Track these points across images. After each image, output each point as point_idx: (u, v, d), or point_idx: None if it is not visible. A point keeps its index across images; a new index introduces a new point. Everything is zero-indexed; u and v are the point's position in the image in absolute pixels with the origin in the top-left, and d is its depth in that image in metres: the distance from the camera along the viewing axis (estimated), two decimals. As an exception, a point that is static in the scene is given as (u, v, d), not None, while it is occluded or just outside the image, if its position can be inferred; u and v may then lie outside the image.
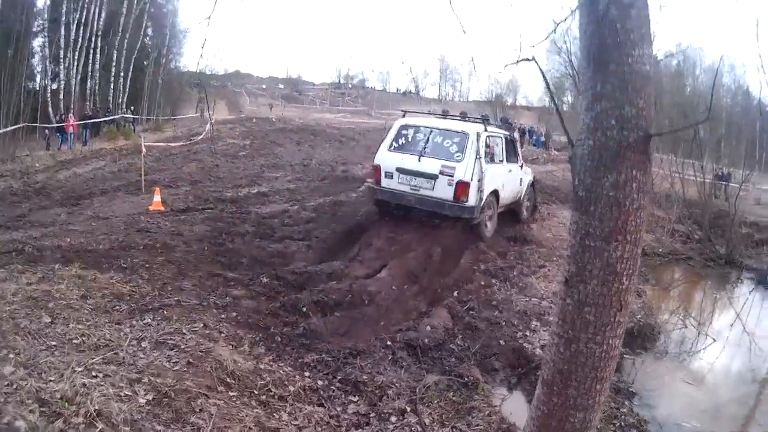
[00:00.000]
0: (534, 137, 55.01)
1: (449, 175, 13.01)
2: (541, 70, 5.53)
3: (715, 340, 11.73)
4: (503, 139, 15.50)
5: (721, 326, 13.05)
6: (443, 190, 13.05)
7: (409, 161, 13.49)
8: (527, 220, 17.59)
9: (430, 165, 13.24)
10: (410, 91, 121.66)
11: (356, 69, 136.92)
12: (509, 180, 15.60)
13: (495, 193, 14.31)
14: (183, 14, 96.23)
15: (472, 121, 16.29)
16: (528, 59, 4.71)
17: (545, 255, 14.17)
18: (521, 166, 16.93)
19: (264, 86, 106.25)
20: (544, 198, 21.65)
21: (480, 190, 13.19)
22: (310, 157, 29.33)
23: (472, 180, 12.97)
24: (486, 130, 14.25)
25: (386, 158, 13.96)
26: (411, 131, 14.14)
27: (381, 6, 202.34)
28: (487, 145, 14.10)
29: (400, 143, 14.05)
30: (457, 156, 13.21)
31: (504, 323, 9.64)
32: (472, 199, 13.00)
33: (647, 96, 3.84)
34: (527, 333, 9.44)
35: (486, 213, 14.08)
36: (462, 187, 12.89)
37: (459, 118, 17.89)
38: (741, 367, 10.66)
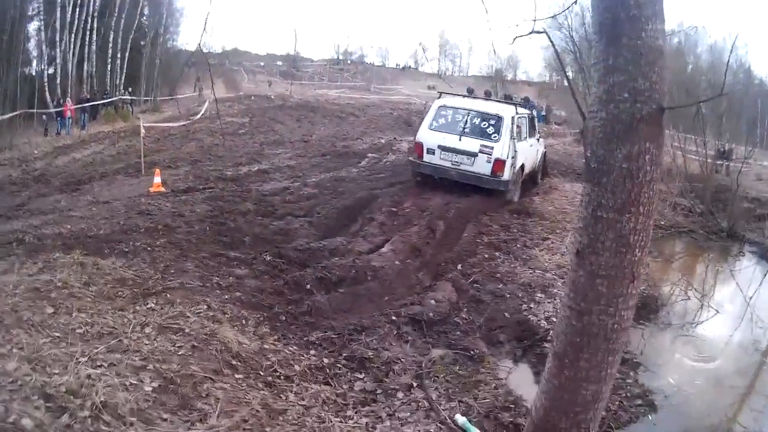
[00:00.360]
0: (535, 112, 54.62)
1: (488, 154, 15.08)
2: (552, 42, 5.55)
3: (717, 312, 11.72)
4: (527, 118, 17.83)
5: (723, 298, 13.11)
6: (482, 166, 15.17)
7: (451, 140, 15.51)
8: (540, 185, 19.99)
9: (470, 144, 15.32)
10: (409, 66, 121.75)
11: (355, 45, 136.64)
12: (531, 153, 17.93)
13: (522, 167, 16.40)
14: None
15: (499, 101, 19.17)
16: (539, 32, 4.67)
17: (548, 227, 14.25)
18: (538, 140, 19.79)
19: (262, 63, 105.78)
20: (546, 172, 22.16)
21: (513, 166, 15.34)
22: (310, 134, 29.35)
23: (507, 158, 15.07)
24: (517, 112, 16.22)
25: (428, 136, 15.91)
26: (450, 112, 16.17)
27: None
28: (517, 126, 15.95)
29: (441, 123, 16.07)
30: (494, 136, 15.31)
31: (508, 296, 9.60)
32: (506, 174, 15.16)
33: (660, 70, 3.81)
34: (532, 305, 9.42)
35: (515, 183, 16.13)
36: (499, 164, 15.04)
37: (484, 97, 19.23)
38: (743, 339, 10.69)
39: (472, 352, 7.58)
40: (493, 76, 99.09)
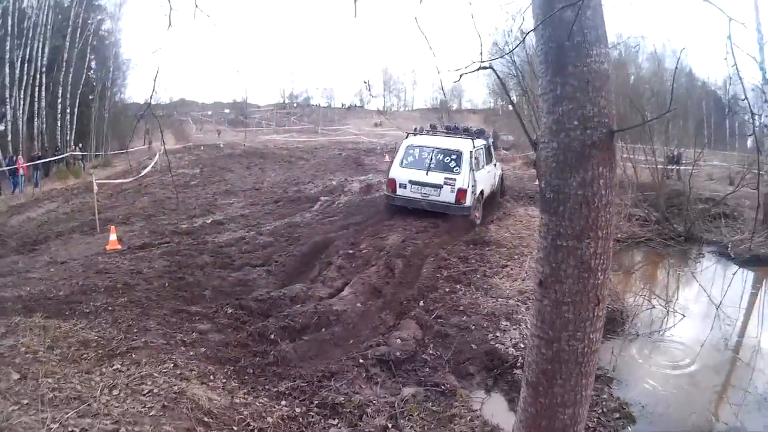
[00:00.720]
0: (491, 140, 55.61)
1: (451, 185, 17.18)
2: (498, 76, 5.53)
3: (684, 316, 12.02)
4: (484, 148, 20.21)
5: (688, 302, 13.38)
6: (447, 196, 17.24)
7: (419, 175, 17.64)
8: (501, 203, 22.38)
9: (436, 177, 17.41)
10: (355, 105, 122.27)
11: (300, 87, 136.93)
12: (489, 179, 20.27)
13: (482, 192, 18.66)
14: (125, 45, 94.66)
15: (459, 137, 20.09)
16: (486, 67, 4.68)
17: (506, 254, 14.29)
18: (495, 165, 22.57)
19: (209, 112, 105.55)
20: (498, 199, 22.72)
21: (473, 193, 17.43)
22: (261, 181, 29.49)
23: (468, 187, 17.15)
24: (474, 145, 18.35)
25: (399, 173, 18.02)
26: (417, 150, 18.37)
27: (322, 22, 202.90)
28: (475, 158, 18.14)
29: (409, 160, 18.22)
30: (456, 170, 17.40)
31: (473, 327, 9.58)
32: (468, 201, 17.26)
33: (608, 94, 3.88)
34: (498, 334, 9.40)
35: (477, 208, 18.19)
36: (461, 193, 17.10)
37: (446, 132, 21.60)
38: (712, 338, 10.87)
39: (443, 387, 7.56)
40: (438, 107, 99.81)
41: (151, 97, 5.64)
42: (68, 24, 44.22)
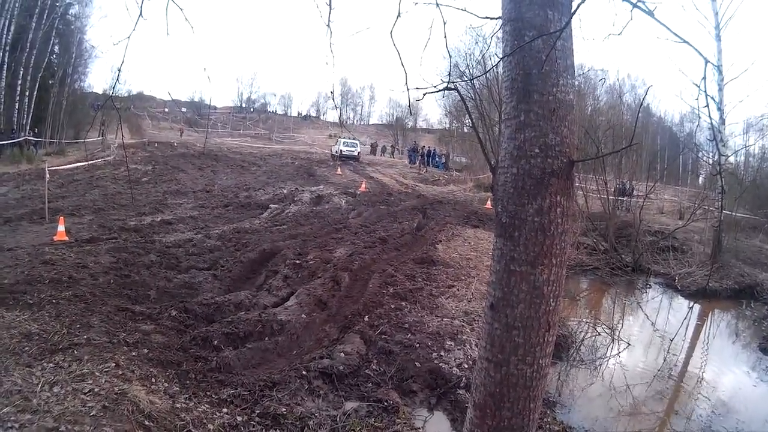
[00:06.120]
0: (436, 159, 63.36)
1: (357, 150, 59.55)
2: (463, 99, 5.59)
3: (629, 344, 12.17)
4: (359, 144, 63.91)
5: (633, 330, 13.59)
6: (355, 153, 58.49)
7: (347, 147, 58.13)
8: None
9: (353, 148, 58.86)
10: (311, 115, 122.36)
11: (258, 92, 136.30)
12: (357, 151, 60.31)
13: (359, 152, 61.19)
14: (90, 31, 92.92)
15: (355, 139, 66.57)
16: (451, 88, 4.70)
17: (453, 275, 14.27)
18: (359, 149, 62.70)
19: (166, 109, 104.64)
20: (448, 219, 23.33)
21: (359, 153, 60.50)
22: (213, 183, 29.58)
23: (360, 152, 60.79)
24: (360, 143, 66.77)
25: (342, 147, 57.32)
26: (346, 142, 59.28)
27: (286, 30, 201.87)
28: (360, 144, 63.81)
29: (344, 144, 58.62)
30: (356, 146, 60.26)
31: (418, 345, 9.51)
32: (360, 156, 59.86)
33: (571, 124, 3.90)
34: (442, 353, 9.33)
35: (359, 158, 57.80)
36: (359, 153, 60.48)
37: (354, 138, 66.46)
38: (656, 366, 11.10)
39: (386, 403, 7.50)
40: (393, 123, 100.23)
41: (113, 88, 5.57)
42: (36, 4, 43.09)
